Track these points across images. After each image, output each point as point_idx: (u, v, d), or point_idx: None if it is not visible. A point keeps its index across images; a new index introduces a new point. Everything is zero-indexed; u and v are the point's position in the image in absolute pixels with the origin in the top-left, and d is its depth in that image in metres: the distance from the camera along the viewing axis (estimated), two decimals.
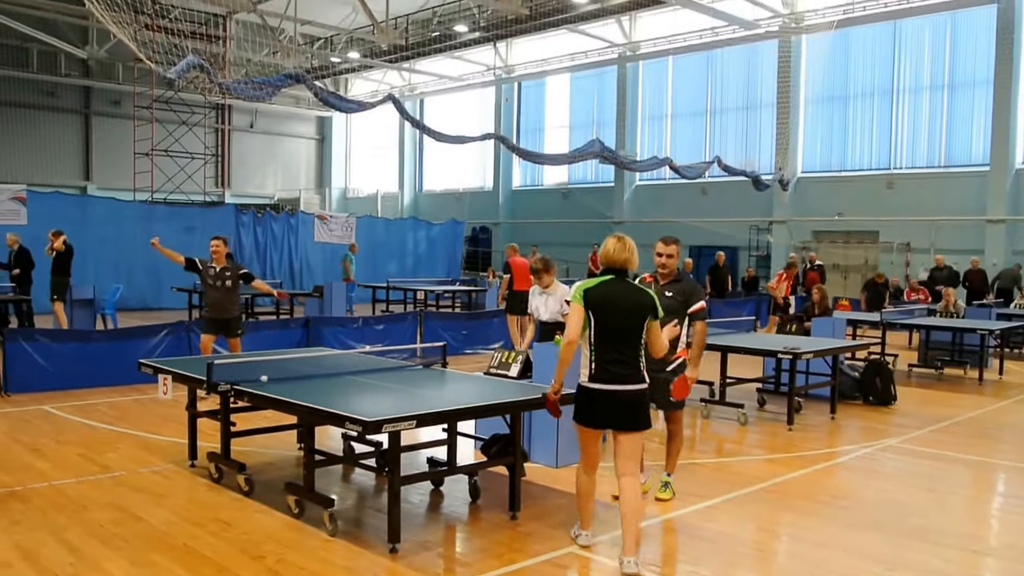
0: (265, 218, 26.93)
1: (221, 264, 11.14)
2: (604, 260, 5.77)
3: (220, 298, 11.11)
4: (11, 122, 33.95)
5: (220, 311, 11.15)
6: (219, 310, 11.16)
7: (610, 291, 5.62)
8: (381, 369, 7.84)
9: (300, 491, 6.50)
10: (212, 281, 11.07)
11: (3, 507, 6.65)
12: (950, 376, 14.82)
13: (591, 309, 5.58)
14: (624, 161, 25.71)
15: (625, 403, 5.61)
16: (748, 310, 20.98)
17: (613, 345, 5.59)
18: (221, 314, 11.15)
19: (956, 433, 10.25)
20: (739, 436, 9.84)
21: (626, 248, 5.70)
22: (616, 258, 5.69)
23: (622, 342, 5.60)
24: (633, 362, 5.63)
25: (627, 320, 5.60)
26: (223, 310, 11.15)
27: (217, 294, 11.08)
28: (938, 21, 25.13)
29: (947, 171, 25.13)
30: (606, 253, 5.73)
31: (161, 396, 7.71)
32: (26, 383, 11.28)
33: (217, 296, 11.10)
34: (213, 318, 11.21)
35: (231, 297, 11.19)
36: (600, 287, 5.63)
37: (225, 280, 11.06)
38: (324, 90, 18.85)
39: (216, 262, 11.14)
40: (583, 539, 6.05)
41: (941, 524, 6.77)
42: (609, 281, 5.67)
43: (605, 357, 5.59)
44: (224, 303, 11.14)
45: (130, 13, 17.67)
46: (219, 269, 11.08)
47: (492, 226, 36.41)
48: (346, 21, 33.35)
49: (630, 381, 5.61)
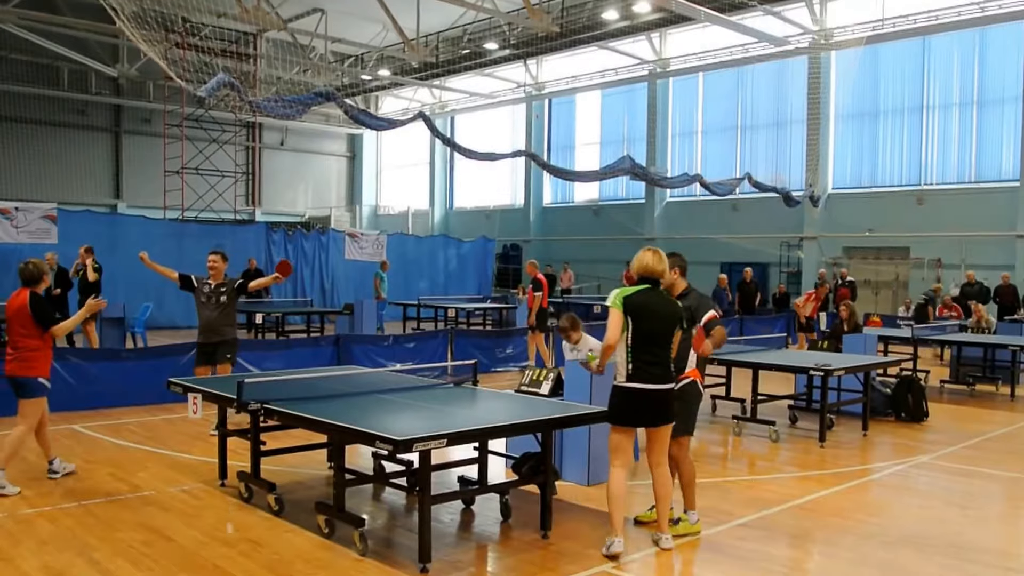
0: (296, 236, 27.05)
1: (218, 280, 10.16)
2: (642, 271, 6.19)
3: (214, 318, 10.02)
4: (42, 141, 34.27)
5: (212, 332, 10.05)
6: (211, 331, 10.06)
7: (648, 299, 6.11)
8: (412, 387, 7.84)
9: (330, 511, 6.49)
10: (206, 299, 10.04)
11: (32, 527, 6.67)
12: (982, 392, 14.64)
13: (630, 315, 6.04)
14: (655, 178, 25.64)
15: (659, 400, 6.10)
16: (779, 327, 20.82)
17: (649, 348, 6.04)
18: (212, 336, 10.04)
19: (989, 449, 10.12)
20: (771, 453, 9.76)
21: (662, 260, 6.23)
22: (654, 268, 6.17)
23: (657, 346, 6.08)
24: (665, 363, 6.12)
25: (662, 325, 6.10)
26: (215, 331, 10.03)
27: (211, 313, 9.99)
28: (967, 37, 24.93)
29: (977, 187, 24.90)
30: (644, 264, 6.18)
31: (191, 415, 7.73)
32: (56, 402, 11.12)
33: (210, 315, 10.02)
34: (204, 343, 10.09)
35: (226, 316, 10.11)
36: (638, 295, 6.09)
37: (220, 296, 10.03)
38: (354, 108, 18.93)
39: (213, 278, 10.17)
40: (616, 546, 6.10)
41: (976, 541, 6.67)
42: (646, 290, 6.14)
43: (642, 359, 6.04)
44: (217, 323, 10.03)
45: (161, 32, 17.87)
46: (215, 285, 10.11)
47: (523, 243, 36.39)
48: (376, 39, 33.56)
49: (664, 381, 6.11)
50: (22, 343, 7.83)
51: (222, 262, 10.24)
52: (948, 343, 16.03)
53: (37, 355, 7.86)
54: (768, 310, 24.39)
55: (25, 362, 7.81)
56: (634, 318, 6.04)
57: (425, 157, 41.63)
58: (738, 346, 12.49)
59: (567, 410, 6.75)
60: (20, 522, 6.77)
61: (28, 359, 7.82)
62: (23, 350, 7.83)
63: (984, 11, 23.25)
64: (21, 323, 7.80)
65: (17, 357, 7.84)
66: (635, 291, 6.12)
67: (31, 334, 7.82)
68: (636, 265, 6.24)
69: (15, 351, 7.86)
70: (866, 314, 23.15)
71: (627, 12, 26.92)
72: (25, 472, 8.33)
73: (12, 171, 32.78)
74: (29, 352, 7.82)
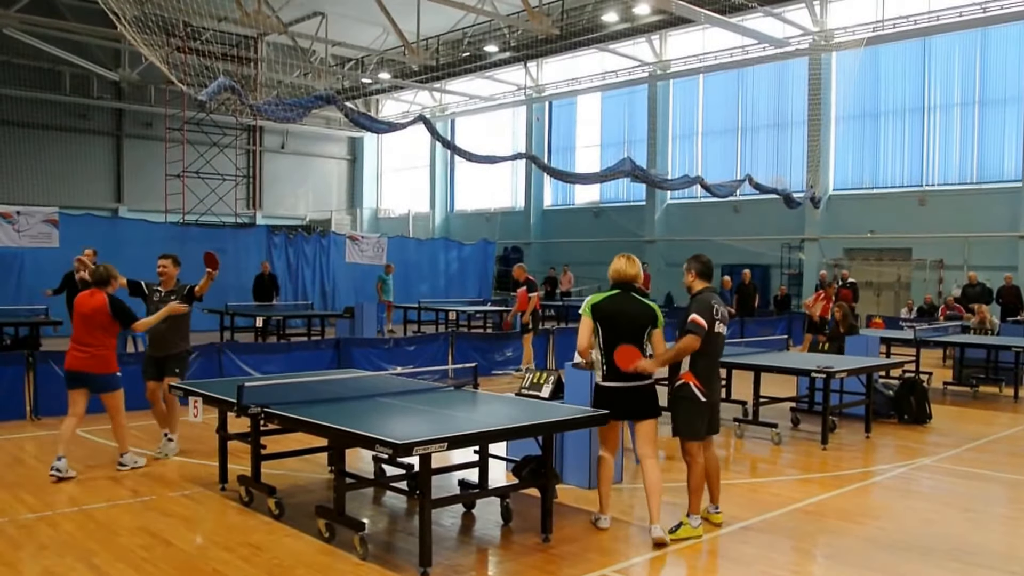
0: (297, 239, 27.04)
1: (169, 287, 9.35)
2: (614, 276, 6.67)
3: (162, 329, 9.05)
4: (44, 145, 34.27)
5: (159, 345, 9.25)
6: (158, 344, 9.26)
7: (617, 303, 6.55)
8: (412, 391, 7.82)
9: (331, 514, 6.47)
10: (155, 308, 9.07)
11: (32, 532, 6.65)
12: (985, 394, 14.59)
13: (599, 320, 6.50)
14: (655, 180, 25.62)
15: (637, 396, 6.53)
16: (780, 329, 20.78)
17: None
18: (159, 350, 9.25)
19: (993, 452, 10.10)
20: (773, 456, 9.73)
21: (634, 265, 6.70)
22: (626, 273, 6.65)
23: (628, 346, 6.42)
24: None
25: (632, 327, 6.49)
26: (164, 344, 9.21)
27: (161, 324, 8.92)
28: (968, 38, 24.92)
29: (979, 187, 24.88)
30: (616, 270, 6.67)
31: (192, 419, 7.74)
32: (56, 407, 11.24)
33: (160, 327, 9.00)
34: (152, 355, 9.33)
35: (177, 329, 9.22)
36: (606, 300, 6.56)
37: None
38: (355, 111, 18.94)
39: (163, 285, 9.38)
40: (603, 522, 6.78)
41: (980, 545, 6.64)
42: (617, 295, 6.59)
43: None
44: (166, 335, 9.16)
45: (162, 36, 17.84)
46: (164, 293, 9.29)
47: (523, 246, 36.37)
48: (377, 42, 33.58)
49: (637, 378, 6.49)
50: (97, 341, 8.31)
51: (173, 267, 9.47)
52: (951, 344, 16.00)
53: (111, 353, 8.46)
54: (769, 312, 24.37)
55: (102, 360, 8.34)
56: (603, 322, 6.49)
57: (426, 160, 41.65)
58: (739, 348, 12.45)
59: (568, 413, 6.72)
60: (21, 527, 6.74)
61: (105, 356, 8.36)
62: (98, 347, 8.32)
63: (986, 11, 23.21)
64: (100, 323, 8.30)
65: (92, 355, 8.29)
66: (604, 297, 6.59)
67: (109, 333, 8.41)
68: (610, 270, 6.71)
69: (89, 348, 8.30)
70: (868, 316, 23.16)
71: (627, 14, 26.92)
72: (25, 476, 8.33)
73: (14, 175, 32.72)
74: (106, 350, 8.38)
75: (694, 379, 6.59)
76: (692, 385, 6.59)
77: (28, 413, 11.27)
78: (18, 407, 11.22)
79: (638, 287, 6.72)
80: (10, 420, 10.99)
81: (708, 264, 6.89)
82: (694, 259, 6.89)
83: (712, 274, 6.93)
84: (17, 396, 11.25)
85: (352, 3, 28.69)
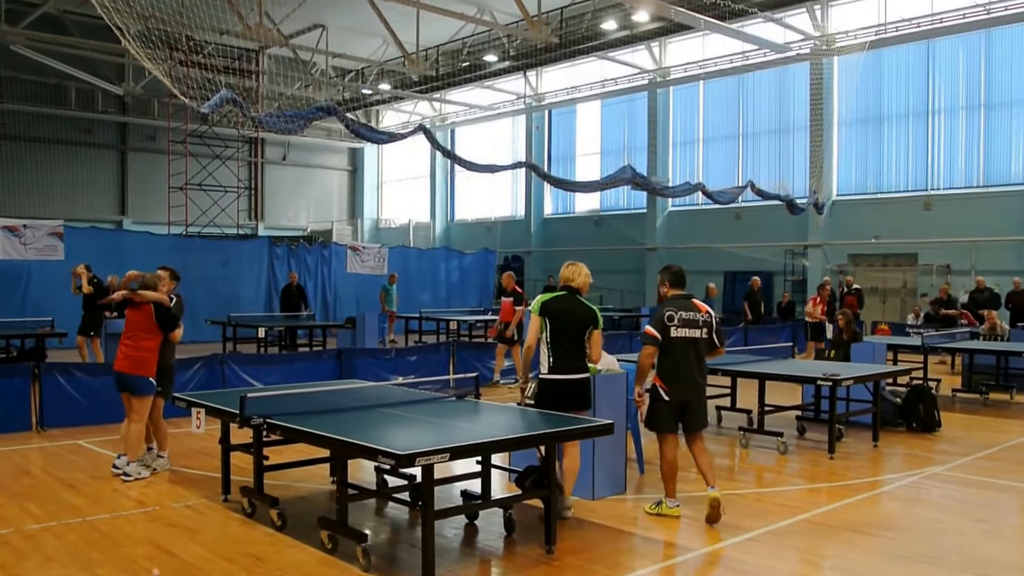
0: (298, 250, 27.04)
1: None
2: (561, 279, 7.44)
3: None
4: (49, 159, 34.43)
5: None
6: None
7: (563, 304, 7.25)
8: (414, 401, 7.77)
9: (333, 525, 6.42)
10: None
11: (37, 543, 6.62)
12: (996, 401, 14.42)
13: (547, 317, 7.19)
14: (656, 187, 25.60)
15: (575, 388, 7.20)
16: (784, 336, 20.72)
17: (563, 345, 7.14)
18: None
19: (1004, 460, 9.99)
20: (779, 465, 9.64)
21: (580, 272, 7.42)
22: (570, 278, 7.37)
23: (570, 342, 7.15)
24: (580, 356, 7.21)
25: (574, 326, 7.18)
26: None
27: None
28: (972, 40, 24.85)
29: (986, 191, 24.77)
30: (562, 275, 7.45)
31: (195, 430, 7.70)
32: (61, 418, 11.31)
33: None
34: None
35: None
36: (554, 300, 7.27)
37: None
38: (355, 122, 18.94)
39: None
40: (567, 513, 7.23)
41: (993, 556, 6.55)
42: (563, 296, 7.30)
43: (558, 353, 7.14)
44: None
45: (165, 50, 17.92)
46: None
47: (524, 255, 36.36)
48: (377, 53, 33.63)
49: (578, 371, 7.21)
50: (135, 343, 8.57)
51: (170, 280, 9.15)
52: (960, 351, 15.88)
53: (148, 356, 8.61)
54: (773, 319, 24.27)
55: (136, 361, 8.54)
56: (550, 320, 7.17)
57: (426, 170, 41.66)
58: (743, 356, 12.37)
59: (570, 423, 6.66)
60: (26, 538, 6.72)
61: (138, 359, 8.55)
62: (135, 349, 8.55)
63: (989, 13, 23.14)
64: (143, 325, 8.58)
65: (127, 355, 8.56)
66: (552, 297, 7.29)
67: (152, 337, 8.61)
68: (560, 275, 7.49)
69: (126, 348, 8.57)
70: (874, 322, 23.07)
71: (626, 22, 26.94)
72: (30, 487, 8.31)
73: (20, 189, 32.93)
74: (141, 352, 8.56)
75: (659, 380, 7.35)
76: (657, 386, 7.35)
77: (34, 424, 11.25)
78: (24, 418, 11.21)
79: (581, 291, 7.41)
80: (16, 431, 10.98)
81: (679, 273, 7.63)
82: (665, 270, 7.71)
83: (684, 282, 7.61)
84: (23, 407, 11.25)
85: (352, 15, 28.71)
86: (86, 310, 16.45)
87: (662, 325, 7.28)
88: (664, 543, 6.86)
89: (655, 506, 7.46)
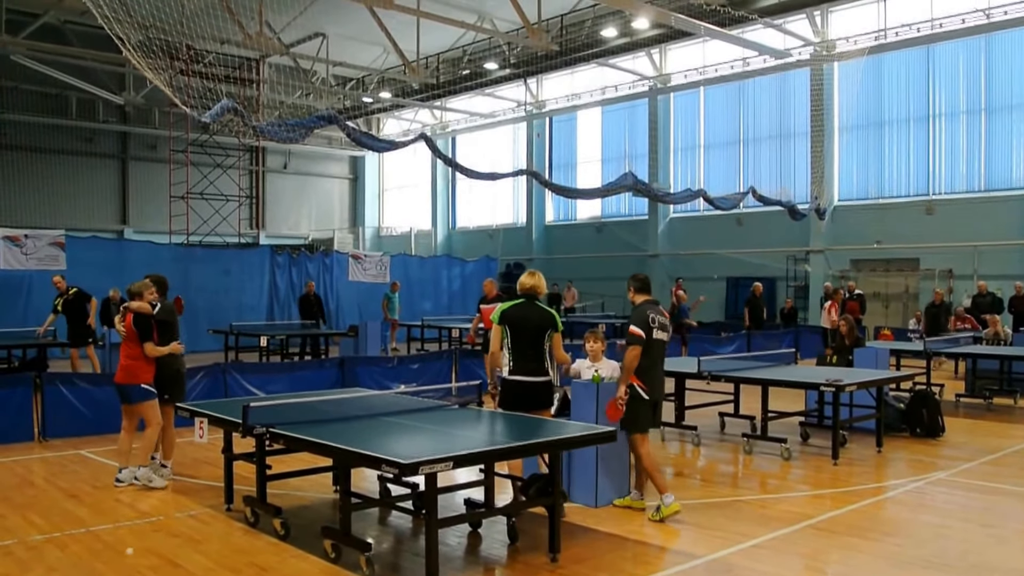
0: (300, 258, 27.05)
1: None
2: (520, 288, 7.76)
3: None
4: (51, 169, 34.43)
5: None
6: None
7: (522, 311, 7.64)
8: (417, 409, 7.75)
9: (337, 535, 6.41)
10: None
11: (40, 554, 6.61)
12: (999, 406, 14.39)
13: (507, 324, 7.59)
14: (658, 193, 25.57)
15: (535, 389, 7.54)
16: (787, 342, 20.68)
17: (523, 349, 7.53)
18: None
19: (1009, 465, 9.96)
20: (783, 472, 9.62)
21: (537, 280, 7.80)
22: (531, 285, 7.71)
23: (529, 347, 7.54)
24: (540, 360, 7.57)
25: (533, 331, 7.57)
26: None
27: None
28: (972, 45, 24.85)
29: (987, 195, 24.73)
30: (521, 283, 7.78)
31: (197, 440, 7.69)
32: (63, 428, 11.30)
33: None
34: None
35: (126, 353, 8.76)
36: (514, 308, 7.67)
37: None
38: (356, 130, 18.92)
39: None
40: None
41: (998, 561, 6.52)
42: (522, 303, 7.68)
43: (521, 356, 7.53)
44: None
45: (166, 59, 17.91)
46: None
47: (526, 262, 36.22)
48: (377, 62, 33.68)
49: (537, 374, 7.55)
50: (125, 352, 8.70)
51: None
52: (963, 356, 15.84)
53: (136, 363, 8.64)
54: (775, 325, 24.23)
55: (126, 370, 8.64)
56: (510, 326, 7.57)
57: (427, 178, 41.64)
58: (746, 362, 12.35)
59: (574, 431, 6.64)
60: (30, 548, 6.72)
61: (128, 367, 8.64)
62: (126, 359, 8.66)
63: (989, 18, 23.15)
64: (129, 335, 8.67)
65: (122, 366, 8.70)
66: (511, 305, 7.70)
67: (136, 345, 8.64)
68: (518, 284, 7.83)
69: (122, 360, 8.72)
70: (876, 327, 23.02)
71: (626, 29, 26.95)
72: (33, 498, 8.31)
73: (22, 199, 32.93)
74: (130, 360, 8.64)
75: (638, 380, 7.51)
76: (636, 386, 7.50)
77: (36, 435, 11.23)
78: (26, 429, 11.20)
79: (540, 297, 7.84)
80: (19, 442, 10.97)
81: (644, 280, 7.97)
82: (632, 278, 7.96)
83: (650, 288, 7.97)
84: (25, 418, 11.24)
85: (352, 23, 28.74)
86: (69, 322, 16.47)
87: (646, 325, 7.53)
88: (669, 550, 6.84)
89: (655, 512, 7.47)
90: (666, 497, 7.41)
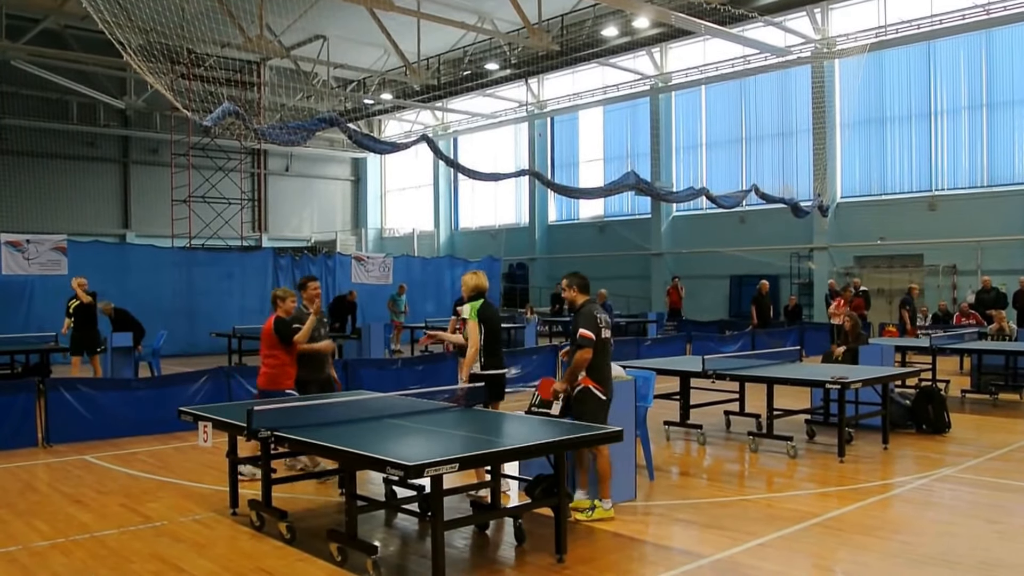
0: (303, 261, 27.04)
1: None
2: (475, 289, 8.20)
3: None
4: (52, 173, 34.52)
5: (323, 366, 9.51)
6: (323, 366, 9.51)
7: (490, 308, 8.23)
8: (421, 411, 7.72)
9: (343, 538, 6.39)
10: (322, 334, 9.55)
11: (44, 560, 6.58)
12: (1005, 401, 14.34)
13: (483, 322, 8.05)
14: (660, 192, 25.55)
15: (499, 382, 8.19)
16: (792, 340, 20.64)
17: (493, 344, 8.14)
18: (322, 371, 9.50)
19: (1016, 460, 9.91)
20: (789, 470, 9.58)
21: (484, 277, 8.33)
22: (483, 285, 8.24)
23: (497, 342, 8.22)
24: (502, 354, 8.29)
25: (498, 326, 8.29)
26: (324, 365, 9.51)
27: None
28: (973, 40, 24.84)
29: (990, 190, 24.73)
30: (474, 284, 8.22)
31: (201, 443, 7.65)
32: (67, 433, 11.28)
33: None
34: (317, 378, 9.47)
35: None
36: (484, 306, 8.13)
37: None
38: (358, 132, 18.91)
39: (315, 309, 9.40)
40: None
41: (1008, 557, 6.48)
42: (486, 301, 8.19)
43: (495, 352, 8.15)
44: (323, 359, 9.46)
45: (166, 63, 17.91)
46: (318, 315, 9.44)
47: (529, 262, 36.34)
48: (378, 63, 33.69)
49: (503, 367, 8.27)
50: (265, 358, 8.91)
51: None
52: (968, 352, 15.79)
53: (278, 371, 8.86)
54: (780, 323, 24.19)
55: (268, 377, 8.85)
56: (484, 323, 8.07)
57: (429, 179, 41.69)
58: (751, 360, 12.31)
59: (579, 431, 6.61)
60: (34, 555, 6.69)
61: (269, 375, 8.85)
62: (266, 366, 8.87)
63: (989, 13, 23.16)
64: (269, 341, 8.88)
65: (263, 373, 8.90)
66: (481, 304, 8.12)
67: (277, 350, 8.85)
68: (470, 285, 8.23)
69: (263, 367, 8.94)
70: (881, 324, 22.98)
71: (627, 28, 26.96)
72: (37, 504, 8.28)
73: (23, 204, 33.03)
74: (271, 369, 8.85)
75: (591, 382, 7.47)
76: (592, 387, 7.45)
77: (40, 440, 11.21)
78: (30, 435, 11.17)
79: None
80: (22, 447, 10.95)
81: (585, 279, 7.89)
82: (573, 275, 7.85)
83: (590, 287, 7.92)
84: (29, 424, 11.21)
85: (353, 25, 28.76)
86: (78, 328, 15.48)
87: (595, 326, 7.48)
88: (675, 550, 6.82)
89: (590, 512, 7.39)
90: (606, 502, 7.42)
